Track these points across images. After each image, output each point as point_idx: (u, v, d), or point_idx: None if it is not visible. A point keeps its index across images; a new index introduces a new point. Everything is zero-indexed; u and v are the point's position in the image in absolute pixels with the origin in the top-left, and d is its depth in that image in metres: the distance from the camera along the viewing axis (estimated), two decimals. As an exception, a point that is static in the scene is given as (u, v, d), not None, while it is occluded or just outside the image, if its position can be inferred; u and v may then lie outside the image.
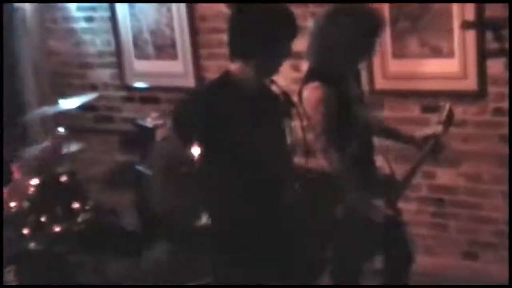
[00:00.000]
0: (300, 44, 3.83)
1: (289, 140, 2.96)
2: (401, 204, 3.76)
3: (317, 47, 2.78)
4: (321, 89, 2.71)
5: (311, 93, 2.75)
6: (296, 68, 3.94)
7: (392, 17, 3.63)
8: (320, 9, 3.77)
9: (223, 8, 4.16)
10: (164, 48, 4.53)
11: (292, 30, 2.34)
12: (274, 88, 3.07)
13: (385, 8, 3.62)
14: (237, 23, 2.33)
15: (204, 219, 3.67)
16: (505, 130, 3.44)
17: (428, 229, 3.83)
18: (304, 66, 3.91)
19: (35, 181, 3.96)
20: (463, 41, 3.47)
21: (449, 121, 2.88)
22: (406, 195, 3.77)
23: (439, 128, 2.86)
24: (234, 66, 2.37)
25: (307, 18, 3.83)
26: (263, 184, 2.33)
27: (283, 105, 2.94)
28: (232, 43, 2.35)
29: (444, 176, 3.71)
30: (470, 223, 3.69)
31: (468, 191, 3.67)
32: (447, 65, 3.54)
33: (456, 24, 3.46)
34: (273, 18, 2.29)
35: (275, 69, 2.39)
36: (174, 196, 2.35)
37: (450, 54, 3.52)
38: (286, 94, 2.93)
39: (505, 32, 3.00)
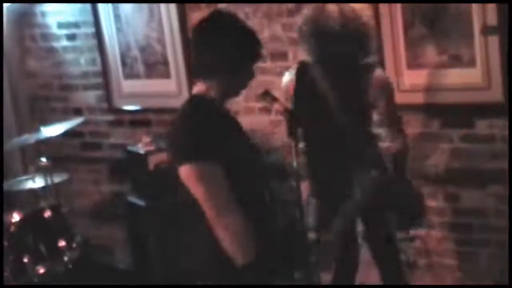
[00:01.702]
0: (303, 56, 3.91)
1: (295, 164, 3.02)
2: (423, 231, 3.80)
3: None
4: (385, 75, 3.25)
5: (384, 82, 3.17)
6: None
7: (405, 22, 3.67)
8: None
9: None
10: (155, 66, 4.59)
11: (254, 50, 2.54)
12: (277, 105, 3.13)
13: (398, 12, 3.67)
14: (200, 43, 2.51)
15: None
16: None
17: (456, 258, 3.84)
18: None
19: (15, 217, 3.97)
20: (485, 48, 3.50)
21: None
22: (429, 220, 3.81)
23: None
24: (198, 88, 2.57)
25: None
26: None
27: (286, 123, 3.00)
28: (193, 63, 2.57)
29: (471, 198, 3.73)
30: (503, 250, 3.68)
31: (499, 214, 3.67)
32: (468, 75, 3.57)
33: (476, 29, 3.50)
34: (236, 38, 2.48)
35: (238, 91, 2.61)
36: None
37: (471, 63, 3.55)
38: (289, 112, 2.97)
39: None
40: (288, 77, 3.27)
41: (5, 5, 4.93)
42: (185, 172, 2.42)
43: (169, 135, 2.59)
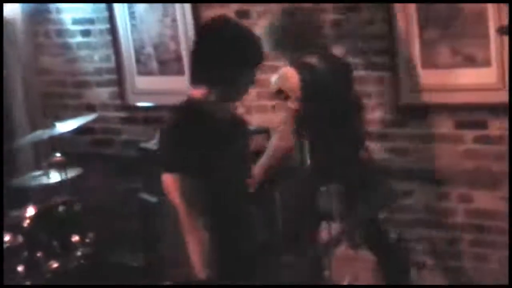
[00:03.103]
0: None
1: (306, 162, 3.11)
2: (433, 232, 3.84)
3: None
4: None
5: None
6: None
7: (420, 23, 3.72)
8: (338, 17, 3.90)
9: (231, 16, 4.27)
10: (168, 63, 4.67)
11: (257, 57, 2.54)
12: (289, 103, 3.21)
13: (413, 14, 3.73)
14: (200, 49, 2.51)
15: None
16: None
17: (466, 260, 3.90)
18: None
19: (29, 213, 4.02)
20: (500, 48, 3.55)
21: None
22: (439, 221, 3.85)
23: None
24: (197, 92, 2.56)
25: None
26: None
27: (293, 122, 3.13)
28: (194, 69, 2.56)
29: (483, 199, 3.78)
30: (512, 252, 3.72)
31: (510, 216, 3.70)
32: (482, 75, 3.63)
33: (492, 29, 3.55)
34: (237, 45, 2.47)
35: (238, 97, 2.61)
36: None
37: (486, 63, 3.61)
38: (297, 111, 3.06)
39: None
40: (289, 80, 3.33)
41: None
42: (166, 180, 2.46)
43: (158, 139, 2.61)
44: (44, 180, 4.35)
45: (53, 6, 5.06)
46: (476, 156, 3.74)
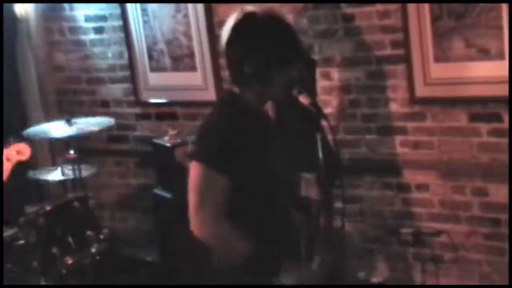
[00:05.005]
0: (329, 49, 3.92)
1: (320, 155, 3.00)
2: (450, 225, 3.79)
3: None
4: None
5: None
6: (327, 76, 3.97)
7: (433, 15, 3.66)
8: (351, 10, 3.84)
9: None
10: (181, 59, 4.63)
11: (289, 54, 2.35)
12: (302, 99, 3.12)
13: (425, 5, 3.67)
14: (227, 49, 2.37)
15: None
16: None
17: (482, 253, 3.84)
18: (336, 73, 3.99)
19: (44, 209, 4.02)
20: (514, 41, 3.50)
21: None
22: (456, 215, 3.79)
23: None
24: (236, 88, 2.43)
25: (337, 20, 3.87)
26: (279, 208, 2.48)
27: (312, 118, 2.99)
28: (228, 68, 2.41)
29: (498, 192, 3.72)
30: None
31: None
32: (497, 67, 3.56)
33: (506, 21, 3.48)
34: (262, 42, 2.30)
35: (278, 97, 2.43)
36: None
37: (500, 56, 3.54)
38: (315, 106, 2.97)
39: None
40: None
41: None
42: (192, 168, 2.38)
43: (198, 129, 2.52)
44: (59, 176, 4.35)
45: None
46: (491, 149, 3.67)
